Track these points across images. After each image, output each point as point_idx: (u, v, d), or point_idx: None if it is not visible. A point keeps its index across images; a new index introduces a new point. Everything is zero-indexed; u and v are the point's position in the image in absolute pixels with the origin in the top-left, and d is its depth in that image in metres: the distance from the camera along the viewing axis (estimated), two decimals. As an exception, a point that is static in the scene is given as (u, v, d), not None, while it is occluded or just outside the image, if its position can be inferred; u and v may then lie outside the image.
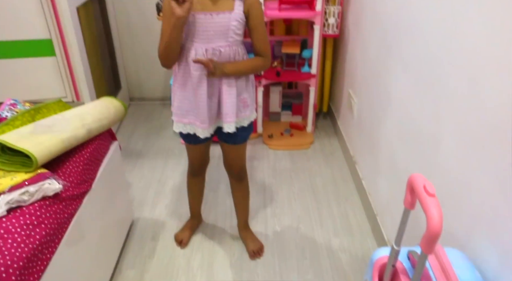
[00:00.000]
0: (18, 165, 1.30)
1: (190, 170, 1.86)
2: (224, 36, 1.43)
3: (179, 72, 1.52)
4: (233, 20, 1.41)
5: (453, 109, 1.23)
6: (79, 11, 2.31)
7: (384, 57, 1.84)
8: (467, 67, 1.14)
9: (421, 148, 1.46)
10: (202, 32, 1.42)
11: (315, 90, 2.67)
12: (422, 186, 0.87)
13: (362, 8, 2.20)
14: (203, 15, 1.40)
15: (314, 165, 2.55)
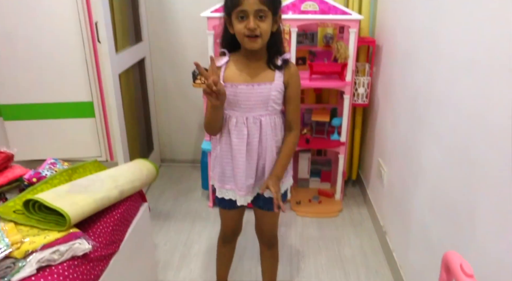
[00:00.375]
0: (52, 223, 1.33)
1: (222, 236, 1.83)
2: (264, 105, 1.48)
3: (221, 138, 1.56)
4: (273, 90, 1.46)
5: (488, 181, 1.20)
6: (120, 77, 2.46)
7: (414, 127, 1.85)
8: (500, 138, 1.13)
9: (455, 221, 1.41)
10: (243, 101, 1.47)
11: (344, 157, 2.67)
12: (458, 265, 0.83)
13: (391, 79, 2.25)
14: (244, 85, 1.45)
15: (343, 234, 2.48)
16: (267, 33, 1.38)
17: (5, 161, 1.56)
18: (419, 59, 1.81)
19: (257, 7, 1.32)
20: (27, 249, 1.19)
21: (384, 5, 2.46)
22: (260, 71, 1.46)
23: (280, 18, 1.42)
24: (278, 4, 1.40)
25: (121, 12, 2.52)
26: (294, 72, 1.49)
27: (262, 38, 1.37)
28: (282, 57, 1.47)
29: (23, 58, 2.74)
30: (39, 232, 1.29)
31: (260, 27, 1.34)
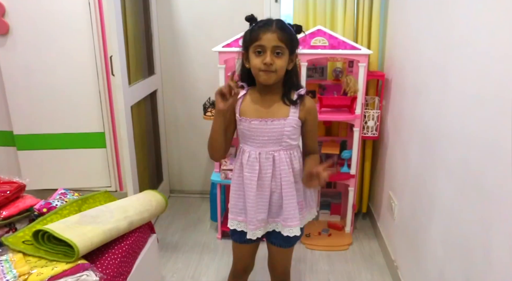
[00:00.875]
0: (60, 254, 1.33)
1: (233, 272, 1.80)
2: (278, 141, 1.48)
3: (235, 171, 1.57)
4: (288, 126, 1.46)
5: (502, 215, 1.18)
6: (132, 109, 2.50)
7: (425, 160, 1.84)
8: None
9: (469, 257, 1.37)
10: (256, 136, 1.48)
11: (354, 190, 2.64)
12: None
13: (401, 112, 2.26)
14: (258, 121, 1.47)
15: (353, 268, 2.42)
16: (282, 70, 1.41)
17: (17, 191, 1.58)
18: (428, 93, 1.82)
19: (275, 43, 1.36)
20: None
21: (393, 40, 2.50)
22: (275, 106, 1.47)
23: (296, 57, 1.46)
24: (296, 44, 1.43)
25: (135, 46, 2.59)
26: (310, 107, 1.49)
27: (277, 74, 1.40)
28: (297, 92, 1.48)
29: (38, 90, 2.81)
30: (47, 264, 1.29)
31: (276, 63, 1.37)
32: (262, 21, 1.41)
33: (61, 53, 2.75)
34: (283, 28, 1.38)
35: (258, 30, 1.38)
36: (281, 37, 1.36)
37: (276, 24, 1.38)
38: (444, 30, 1.65)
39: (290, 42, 1.38)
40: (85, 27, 2.71)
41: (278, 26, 1.37)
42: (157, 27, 2.95)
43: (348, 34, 2.63)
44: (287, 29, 1.39)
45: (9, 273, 1.18)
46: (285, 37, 1.37)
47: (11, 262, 1.25)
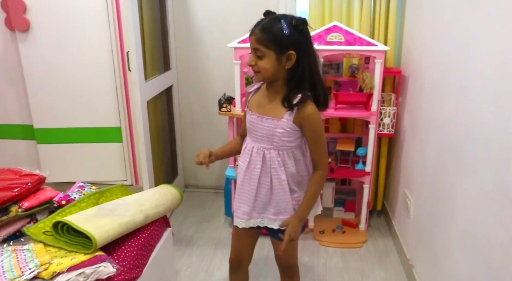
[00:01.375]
0: (79, 245, 1.36)
1: (229, 263, 1.81)
2: (269, 139, 1.49)
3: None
4: (279, 128, 1.45)
5: (521, 218, 1.16)
6: (148, 104, 2.53)
7: (443, 159, 1.82)
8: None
9: (488, 259, 1.36)
10: (253, 130, 1.53)
11: (369, 187, 2.63)
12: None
13: (418, 109, 2.24)
14: (255, 116, 1.50)
15: (367, 266, 2.42)
16: (266, 70, 1.39)
17: (38, 184, 1.61)
18: (447, 89, 1.80)
19: (254, 45, 1.38)
20: (54, 270, 1.21)
21: (411, 36, 2.48)
22: (274, 105, 1.46)
23: (293, 55, 1.37)
24: (286, 43, 1.35)
25: (151, 42, 2.62)
26: (307, 114, 1.43)
27: (263, 74, 1.41)
28: (297, 98, 1.42)
29: (57, 85, 2.86)
30: (66, 254, 1.31)
31: (258, 65, 1.39)
32: (259, 20, 1.41)
33: (79, 49, 2.79)
34: (264, 29, 1.35)
35: (252, 29, 1.40)
36: (259, 39, 1.36)
37: (262, 24, 1.37)
38: (464, 26, 1.63)
39: (274, 43, 1.35)
40: (103, 24, 2.75)
41: (261, 28, 1.36)
42: (173, 23, 2.97)
43: (364, 30, 2.61)
44: (272, 30, 1.35)
45: (31, 262, 1.22)
46: (265, 39, 1.35)
47: (32, 251, 1.28)
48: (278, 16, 1.38)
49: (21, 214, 1.48)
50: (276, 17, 1.38)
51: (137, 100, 2.35)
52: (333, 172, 2.62)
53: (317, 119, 1.46)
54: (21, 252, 1.28)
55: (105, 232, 1.41)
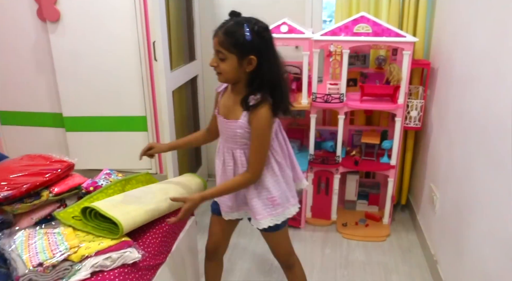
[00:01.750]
0: (106, 231, 1.39)
1: (205, 252, 1.83)
2: (234, 140, 1.53)
3: None
4: (238, 128, 1.48)
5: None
6: (174, 94, 2.55)
7: (471, 153, 1.77)
8: None
9: (516, 254, 1.32)
10: (221, 131, 1.59)
11: (394, 181, 2.60)
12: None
13: (446, 103, 2.19)
14: (221, 118, 1.55)
15: (390, 260, 2.39)
16: (227, 73, 1.42)
17: (67, 170, 1.66)
18: (479, 82, 1.75)
19: (217, 47, 1.41)
20: (83, 254, 1.25)
21: (441, 27, 2.41)
22: (235, 107, 1.49)
23: (254, 60, 1.39)
24: (247, 48, 1.37)
25: (177, 32, 2.63)
26: (257, 117, 1.44)
27: (224, 76, 1.44)
28: (254, 99, 1.43)
29: (86, 75, 2.93)
30: (94, 239, 1.35)
31: (219, 66, 1.42)
32: (224, 21, 1.43)
33: (107, 39, 2.84)
34: (227, 33, 1.37)
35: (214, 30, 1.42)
36: (221, 43, 1.38)
37: (225, 28, 1.39)
38: (499, 15, 1.57)
39: (234, 47, 1.37)
40: (130, 14, 2.78)
41: (224, 31, 1.38)
42: (199, 14, 2.98)
43: (392, 21, 2.55)
44: (234, 34, 1.36)
45: (62, 245, 1.26)
46: (228, 43, 1.37)
47: (63, 235, 1.32)
48: (242, 20, 1.39)
49: (52, 199, 1.53)
50: (240, 21, 1.39)
51: (163, 89, 2.38)
52: (357, 165, 2.60)
53: (263, 123, 1.45)
54: (52, 235, 1.33)
55: (131, 218, 1.44)
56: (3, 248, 1.28)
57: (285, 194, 1.58)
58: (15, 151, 3.09)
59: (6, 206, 1.43)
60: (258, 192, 1.54)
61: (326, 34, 2.39)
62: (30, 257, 1.20)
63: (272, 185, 1.54)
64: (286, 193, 1.59)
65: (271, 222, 1.57)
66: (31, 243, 1.27)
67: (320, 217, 2.79)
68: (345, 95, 2.46)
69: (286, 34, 2.43)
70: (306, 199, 2.73)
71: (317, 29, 2.77)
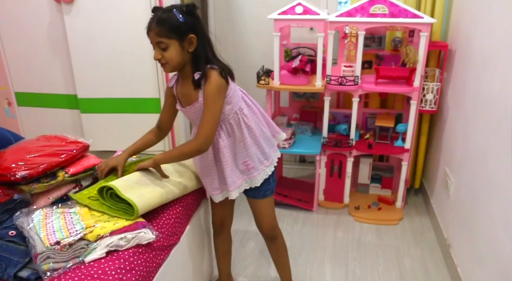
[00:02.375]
0: (121, 211, 1.41)
1: (212, 226, 1.91)
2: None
3: None
4: (200, 107, 1.51)
5: None
6: (188, 76, 2.55)
7: (488, 138, 1.74)
8: None
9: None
10: (190, 119, 1.64)
11: (407, 165, 2.57)
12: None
13: (464, 86, 2.14)
14: (185, 109, 1.58)
15: (403, 243, 2.39)
16: (174, 60, 1.45)
17: (82, 151, 1.68)
18: (497, 65, 1.70)
19: (156, 40, 1.44)
20: (98, 233, 1.27)
21: (460, 7, 2.34)
22: (190, 91, 1.52)
23: (194, 38, 1.45)
24: (184, 29, 1.43)
25: (191, 13, 2.61)
26: (208, 84, 1.47)
27: (171, 64, 1.47)
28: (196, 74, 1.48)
29: (99, 57, 2.93)
30: (109, 219, 1.37)
31: (164, 56, 1.45)
32: (152, 16, 1.46)
33: (122, 20, 2.83)
34: (161, 22, 1.41)
35: (147, 25, 1.45)
36: (159, 33, 1.41)
37: (156, 19, 1.42)
38: (520, -4, 1.52)
39: (171, 33, 1.41)
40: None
41: (156, 22, 1.41)
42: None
43: (410, 2, 2.49)
44: (167, 20, 1.41)
45: (78, 224, 1.28)
46: (165, 30, 1.41)
47: (79, 214, 1.35)
48: (168, 8, 1.45)
49: (68, 179, 1.55)
50: (167, 9, 1.44)
51: (176, 71, 2.38)
52: (371, 148, 2.58)
53: (212, 89, 1.47)
54: (68, 215, 1.35)
55: (146, 200, 1.45)
56: (21, 226, 1.31)
57: (258, 157, 1.65)
58: (31, 132, 3.13)
59: (23, 185, 1.46)
60: (236, 158, 1.61)
61: (341, 15, 2.35)
62: (47, 236, 1.22)
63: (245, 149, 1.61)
64: (259, 155, 1.65)
65: (247, 185, 1.68)
66: (48, 222, 1.30)
67: (333, 200, 2.79)
68: (359, 78, 2.43)
69: (301, 15, 2.39)
70: (319, 182, 2.73)
71: (332, 10, 2.72)
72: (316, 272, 2.17)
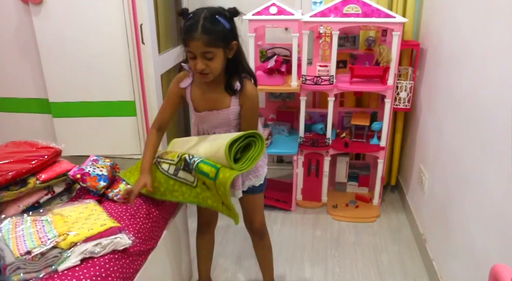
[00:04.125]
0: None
1: (198, 226, 1.88)
2: (227, 125, 1.57)
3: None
4: (231, 114, 1.53)
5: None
6: (162, 78, 2.52)
7: (460, 134, 1.78)
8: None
9: (504, 232, 1.35)
10: (205, 121, 1.59)
11: (383, 162, 2.61)
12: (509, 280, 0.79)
13: (435, 83, 2.19)
14: (205, 113, 1.55)
15: (380, 240, 2.43)
16: (218, 69, 1.42)
17: (54, 156, 1.63)
18: (467, 63, 1.75)
19: (203, 50, 1.35)
20: (72, 241, 1.24)
21: (430, 7, 2.39)
22: (219, 96, 1.51)
23: (236, 45, 1.43)
24: (230, 35, 1.40)
25: (164, 15, 2.59)
26: (248, 94, 1.50)
27: (214, 73, 1.42)
28: (237, 82, 1.47)
29: (72, 59, 2.87)
30: (83, 225, 1.34)
31: (209, 66, 1.39)
32: (189, 20, 1.37)
33: (93, 21, 2.78)
34: (208, 31, 1.34)
35: (185, 34, 1.36)
36: (207, 42, 1.34)
37: (201, 28, 1.33)
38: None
39: (221, 40, 1.37)
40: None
41: (203, 31, 1.33)
42: (187, -5, 2.92)
43: (382, 2, 2.53)
44: (215, 28, 1.35)
45: (50, 232, 1.24)
46: (213, 39, 1.35)
47: (51, 222, 1.31)
48: (209, 14, 1.36)
49: (39, 186, 1.50)
50: (209, 16, 1.36)
51: (151, 73, 2.35)
52: (347, 147, 2.60)
53: (255, 99, 1.51)
54: (40, 223, 1.31)
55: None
56: (-10, 236, 1.27)
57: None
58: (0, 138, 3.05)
59: (-9, 194, 1.41)
60: None
61: (315, 16, 2.36)
62: (17, 245, 1.18)
63: None
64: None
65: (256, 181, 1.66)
66: (18, 231, 1.26)
67: (311, 200, 2.81)
68: (334, 77, 2.45)
69: (275, 16, 2.39)
70: (297, 182, 2.74)
71: (306, 10, 2.74)
72: (296, 271, 2.17)
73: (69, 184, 1.62)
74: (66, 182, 1.63)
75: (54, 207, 1.45)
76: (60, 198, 1.61)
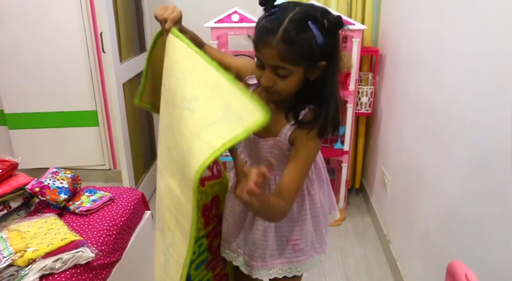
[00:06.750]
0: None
1: None
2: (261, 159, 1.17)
3: None
4: (275, 147, 1.12)
5: (492, 189, 1.19)
6: (124, 87, 2.47)
7: (418, 136, 1.85)
8: (506, 145, 1.13)
9: (459, 230, 1.40)
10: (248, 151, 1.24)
11: (347, 166, 2.66)
12: (463, 275, 0.83)
13: (394, 88, 2.26)
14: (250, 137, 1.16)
15: (346, 243, 2.47)
16: (288, 91, 1.03)
17: (10, 170, 1.57)
18: (422, 68, 1.82)
19: (275, 63, 0.97)
20: (30, 257, 1.19)
21: (387, 14, 2.48)
22: (273, 122, 0.90)
23: (324, 66, 1.01)
24: (318, 52, 0.97)
25: (125, 23, 2.54)
26: (308, 136, 1.06)
27: (281, 95, 1.04)
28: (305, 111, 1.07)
29: (28, 68, 2.77)
30: (43, 240, 1.29)
31: (278, 85, 1.01)
32: (270, 16, 0.99)
33: (50, 30, 2.70)
34: (291, 40, 0.94)
35: (258, 35, 0.99)
36: (284, 56, 0.95)
37: (282, 33, 0.94)
38: (439, 4, 1.64)
39: (305, 57, 0.97)
40: (74, 3, 2.66)
41: (283, 39, 0.94)
42: (148, 3, 2.89)
43: (341, 9, 2.59)
44: (300, 41, 0.94)
45: (6, 250, 1.19)
46: (294, 55, 0.95)
47: (6, 239, 1.26)
48: (302, 16, 0.95)
49: (-6, 201, 1.45)
50: (301, 19, 0.95)
51: (113, 82, 2.30)
52: (312, 152, 2.63)
53: (313, 147, 1.08)
54: (-6, 240, 1.26)
55: None
56: None
57: (312, 238, 1.24)
58: (-47, 152, 2.90)
59: None
60: (277, 230, 1.18)
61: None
62: (-29, 265, 1.13)
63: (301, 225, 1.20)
64: (313, 236, 1.25)
65: (287, 272, 1.22)
66: (-28, 250, 1.20)
67: (278, 205, 2.82)
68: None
69: (237, 23, 2.41)
70: (264, 188, 2.74)
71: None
72: (265, 278, 2.17)
73: (27, 198, 1.56)
74: (24, 196, 1.57)
75: (10, 223, 1.39)
76: (17, 213, 1.55)
